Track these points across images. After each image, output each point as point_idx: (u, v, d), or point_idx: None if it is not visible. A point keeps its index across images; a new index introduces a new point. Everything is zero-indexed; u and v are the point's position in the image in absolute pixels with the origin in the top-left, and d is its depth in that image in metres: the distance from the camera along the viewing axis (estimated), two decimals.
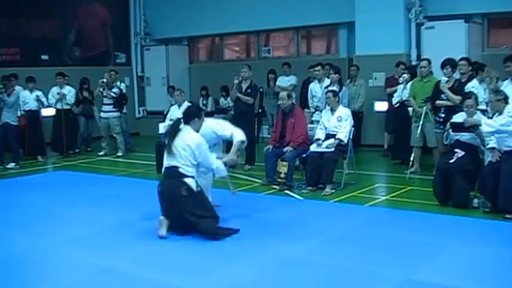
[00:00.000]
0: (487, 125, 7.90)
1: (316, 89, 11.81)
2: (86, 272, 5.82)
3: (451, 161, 8.20)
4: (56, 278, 5.68)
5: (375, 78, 13.88)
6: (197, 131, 7.15)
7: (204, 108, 16.64)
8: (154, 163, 11.71)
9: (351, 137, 9.81)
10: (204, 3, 17.71)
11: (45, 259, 6.28)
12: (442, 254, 6.12)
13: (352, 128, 9.87)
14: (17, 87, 13.26)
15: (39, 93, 13.85)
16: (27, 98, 13.66)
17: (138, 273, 5.74)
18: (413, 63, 13.28)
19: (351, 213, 8.11)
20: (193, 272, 5.72)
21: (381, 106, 13.38)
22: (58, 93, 14.20)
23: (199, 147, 6.91)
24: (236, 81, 11.77)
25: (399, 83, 11.72)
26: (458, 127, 8.39)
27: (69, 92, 14.39)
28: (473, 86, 9.75)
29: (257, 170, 11.27)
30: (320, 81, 11.80)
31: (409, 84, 11.12)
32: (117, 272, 5.78)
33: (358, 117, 12.36)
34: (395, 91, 11.83)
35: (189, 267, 5.85)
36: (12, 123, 13.01)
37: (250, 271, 5.70)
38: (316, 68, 12.03)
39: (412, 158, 10.63)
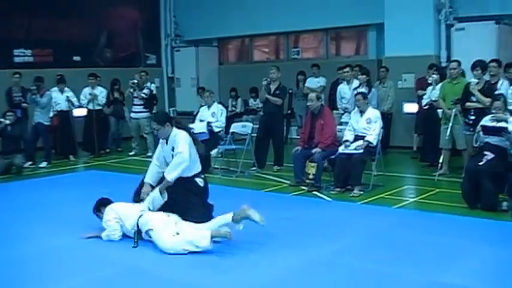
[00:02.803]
0: None
1: (345, 90, 11.83)
2: (112, 270, 5.90)
3: (481, 163, 8.16)
4: (82, 275, 5.76)
5: (404, 80, 13.83)
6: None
7: (233, 109, 16.78)
8: None
9: (380, 138, 9.80)
10: (234, 5, 17.77)
11: (73, 257, 6.35)
12: (469, 257, 6.11)
13: (381, 130, 9.86)
14: (52, 89, 13.52)
15: (70, 93, 14.04)
16: (58, 99, 13.85)
17: (162, 272, 5.80)
18: (443, 64, 13.20)
19: (379, 215, 8.10)
20: (218, 272, 5.75)
21: (410, 108, 13.32)
22: (90, 94, 14.36)
23: None
24: (265, 83, 11.80)
25: (430, 84, 11.68)
26: (489, 130, 8.36)
27: (101, 92, 14.55)
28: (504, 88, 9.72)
29: (286, 171, 11.29)
30: (349, 82, 11.82)
31: (439, 85, 11.06)
32: (142, 270, 5.85)
33: (387, 118, 12.30)
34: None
35: (213, 267, 5.89)
36: (44, 123, 13.24)
37: (275, 271, 5.74)
38: (345, 70, 12.04)
39: (441, 160, 10.58)
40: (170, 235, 6.34)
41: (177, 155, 7.14)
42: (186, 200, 7.14)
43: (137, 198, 7.33)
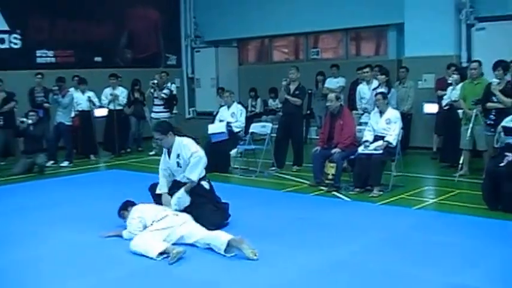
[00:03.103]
0: None
1: (364, 90, 11.82)
2: (131, 269, 5.94)
3: (501, 164, 8.10)
4: (101, 273, 5.80)
5: (425, 80, 13.78)
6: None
7: (253, 109, 16.82)
8: None
9: (400, 139, 9.78)
10: (254, 6, 17.81)
11: (92, 255, 6.41)
12: (489, 258, 6.08)
13: (401, 130, 9.84)
14: (73, 90, 13.66)
15: (91, 93, 14.16)
16: (80, 99, 13.98)
17: (180, 271, 5.82)
18: (464, 64, 13.14)
19: (398, 215, 8.09)
20: (235, 272, 5.76)
21: (430, 108, 13.26)
22: (111, 94, 14.46)
23: None
24: (284, 83, 11.81)
25: (450, 85, 11.64)
26: (510, 130, 8.32)
27: (122, 93, 14.64)
28: None
29: (305, 171, 11.29)
30: (368, 82, 11.80)
31: (459, 85, 11.02)
32: (161, 270, 5.87)
33: (407, 119, 12.26)
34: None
35: (231, 266, 5.89)
36: (66, 123, 13.36)
37: (294, 271, 5.75)
38: (365, 70, 12.03)
39: (461, 161, 10.54)
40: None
41: (192, 156, 7.33)
42: (199, 204, 7.30)
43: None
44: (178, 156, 7.40)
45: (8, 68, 14.67)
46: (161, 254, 6.12)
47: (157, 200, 7.54)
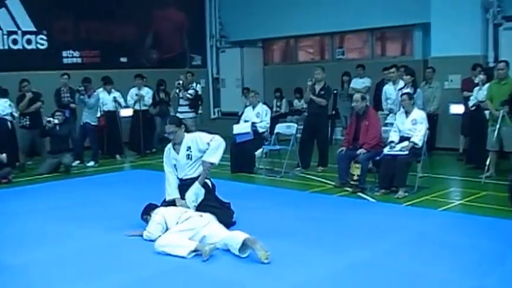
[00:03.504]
0: None
1: (390, 91, 11.76)
2: (158, 268, 5.97)
3: None
4: (126, 272, 5.83)
5: (451, 81, 13.66)
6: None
7: (278, 109, 16.81)
8: (229, 163, 11.89)
9: (425, 139, 9.71)
10: (279, 6, 17.79)
11: (118, 254, 6.46)
12: None
13: (427, 131, 9.78)
14: (99, 90, 13.77)
15: (117, 94, 14.25)
16: (105, 99, 14.08)
17: (207, 270, 5.84)
18: (491, 65, 13.01)
19: (424, 217, 8.04)
20: (260, 272, 5.76)
21: (457, 109, 13.15)
22: (136, 95, 14.56)
23: None
24: (309, 83, 11.80)
25: (476, 85, 11.54)
26: None
27: (147, 93, 14.73)
28: None
29: (330, 171, 11.27)
30: (394, 83, 11.74)
31: (486, 85, 10.93)
32: (186, 268, 5.90)
33: (433, 119, 12.18)
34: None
35: (256, 267, 5.89)
36: (91, 123, 13.47)
37: (319, 272, 5.74)
38: (391, 70, 11.97)
39: (487, 162, 10.44)
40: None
41: (212, 140, 7.38)
42: (207, 203, 7.34)
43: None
44: (188, 148, 7.43)
45: (34, 69, 14.83)
46: (192, 252, 6.17)
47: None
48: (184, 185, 7.46)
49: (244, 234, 6.21)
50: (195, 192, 7.32)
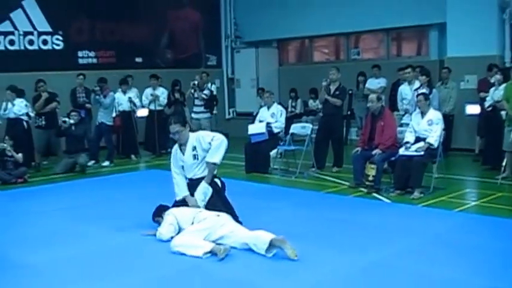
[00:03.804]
0: None
1: (406, 91, 11.70)
2: (174, 267, 5.98)
3: None
4: (141, 272, 5.84)
5: (467, 81, 13.59)
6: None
7: (293, 110, 16.80)
8: (243, 163, 11.90)
9: (441, 140, 9.67)
10: (294, 6, 17.76)
11: (133, 254, 6.47)
12: None
13: (443, 132, 9.73)
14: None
15: (132, 94, 14.29)
16: (121, 100, 14.12)
17: (222, 271, 5.83)
18: (507, 65, 12.93)
19: (439, 218, 8.00)
20: (276, 273, 5.74)
21: (473, 109, 13.07)
22: (151, 95, 14.60)
23: None
24: (324, 83, 11.77)
25: (492, 85, 11.47)
26: None
27: (162, 93, 14.76)
28: None
29: (345, 172, 11.25)
30: (410, 83, 11.69)
31: (502, 86, 10.86)
32: (201, 269, 5.89)
33: (448, 120, 12.13)
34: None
35: (272, 268, 5.88)
36: (107, 123, 13.54)
37: (334, 273, 5.73)
38: (407, 70, 11.92)
39: (504, 163, 10.38)
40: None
41: (213, 139, 7.31)
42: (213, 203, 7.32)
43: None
44: (194, 148, 7.38)
45: (50, 69, 14.91)
46: (207, 253, 6.17)
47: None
48: (194, 185, 7.44)
49: (269, 234, 6.21)
50: (203, 192, 7.31)
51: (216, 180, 7.55)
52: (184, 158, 7.46)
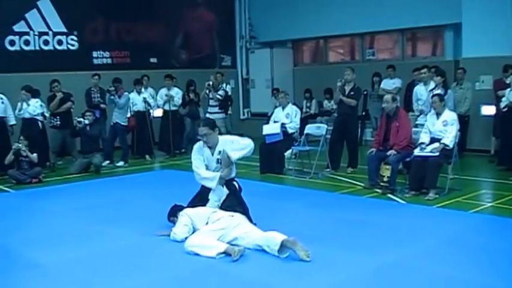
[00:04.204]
0: None
1: (421, 91, 11.64)
2: (188, 268, 5.98)
3: None
4: (156, 272, 5.86)
5: (482, 81, 13.52)
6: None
7: (308, 110, 16.78)
8: (258, 164, 11.89)
9: (456, 141, 9.62)
10: (309, 7, 17.76)
11: (147, 254, 6.49)
12: None
13: (458, 133, 9.68)
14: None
15: (147, 94, 14.33)
16: (136, 100, 14.15)
17: (237, 272, 5.83)
18: None
19: (454, 219, 7.95)
20: (292, 274, 5.73)
21: (488, 110, 13.01)
22: (166, 95, 14.62)
23: None
24: (339, 84, 11.75)
25: (508, 86, 11.40)
26: None
27: (177, 93, 14.80)
28: None
29: (360, 173, 11.23)
30: (425, 84, 11.64)
31: None
32: (217, 270, 5.90)
33: (464, 121, 12.07)
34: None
35: (284, 267, 5.88)
36: (121, 123, 13.58)
37: (349, 274, 5.71)
38: (422, 71, 11.85)
39: None
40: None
41: (243, 139, 7.44)
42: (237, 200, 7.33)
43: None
44: (219, 152, 7.37)
45: (65, 69, 15.01)
46: (220, 253, 6.18)
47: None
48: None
49: (281, 235, 6.21)
50: (217, 193, 7.31)
51: (235, 182, 7.54)
52: (211, 160, 7.46)
